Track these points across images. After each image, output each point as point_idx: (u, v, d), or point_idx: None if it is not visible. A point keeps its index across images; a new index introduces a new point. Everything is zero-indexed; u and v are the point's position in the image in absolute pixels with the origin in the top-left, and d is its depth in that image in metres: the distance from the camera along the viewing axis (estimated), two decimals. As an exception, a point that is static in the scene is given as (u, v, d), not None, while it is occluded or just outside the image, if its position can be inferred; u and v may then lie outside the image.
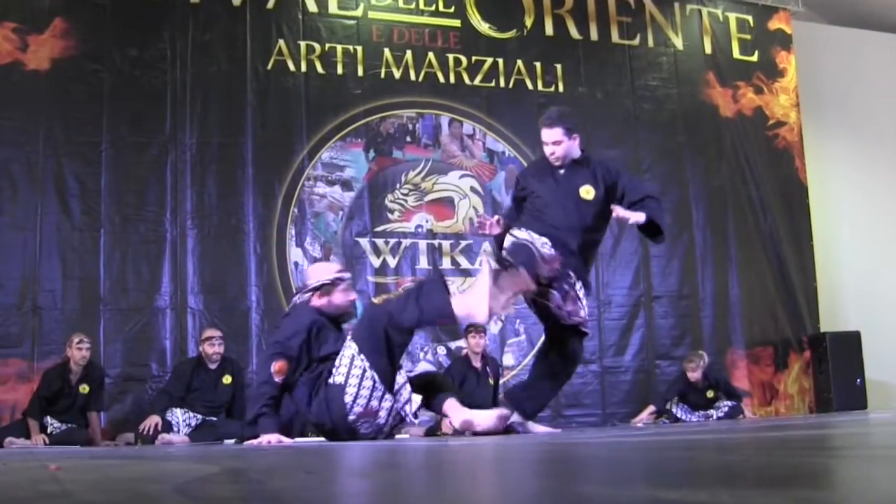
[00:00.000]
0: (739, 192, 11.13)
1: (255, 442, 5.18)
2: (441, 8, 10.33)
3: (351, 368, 5.15)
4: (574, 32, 10.79)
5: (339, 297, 5.59)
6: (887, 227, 12.26)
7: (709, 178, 11.04)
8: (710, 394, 9.54)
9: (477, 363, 8.69)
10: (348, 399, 5.13)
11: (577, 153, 5.88)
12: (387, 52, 9.97)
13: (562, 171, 5.85)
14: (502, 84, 10.36)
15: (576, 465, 2.25)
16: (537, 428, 5.95)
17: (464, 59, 10.27)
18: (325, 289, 5.54)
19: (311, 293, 5.60)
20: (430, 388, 5.56)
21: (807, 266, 11.31)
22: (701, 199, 10.93)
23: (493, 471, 2.26)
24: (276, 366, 5.30)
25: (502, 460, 2.67)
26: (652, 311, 10.41)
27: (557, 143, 5.79)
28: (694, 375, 9.44)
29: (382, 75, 9.93)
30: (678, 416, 9.45)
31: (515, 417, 5.74)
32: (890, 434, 3.31)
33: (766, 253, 11.09)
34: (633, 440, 3.57)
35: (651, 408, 9.54)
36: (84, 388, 7.92)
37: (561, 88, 10.48)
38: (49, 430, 7.77)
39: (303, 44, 9.64)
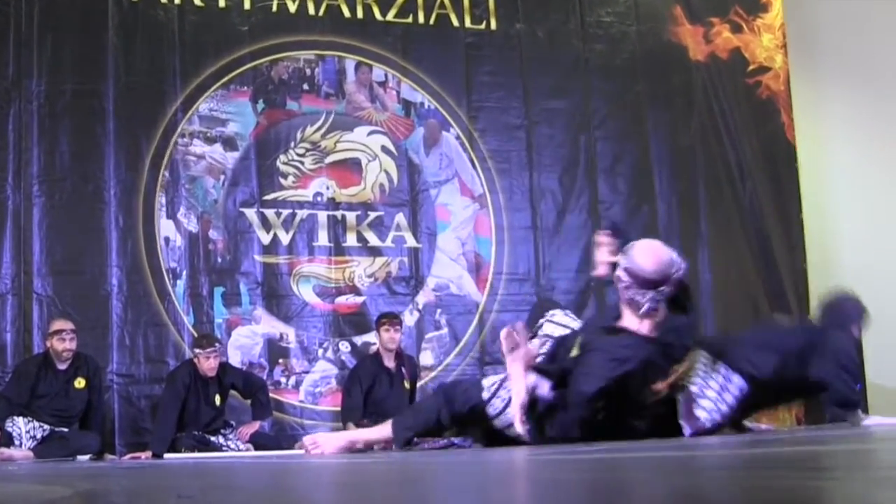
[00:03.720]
0: (713, 152, 11.10)
1: None
2: (347, -76, 10.35)
3: None
4: (510, -45, 10.84)
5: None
6: (894, 196, 12.12)
7: (675, 137, 11.01)
8: None
9: (390, 362, 8.61)
10: None
11: None
12: (280, -21, 9.97)
13: None
14: (421, 20, 10.32)
15: (509, 488, 2.25)
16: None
17: (375, -11, 10.28)
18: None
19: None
20: None
21: (795, 243, 11.31)
22: (665, 161, 10.90)
23: (407, 495, 2.26)
24: None
25: (422, 481, 2.69)
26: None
27: None
28: None
29: (274, 8, 9.86)
30: None
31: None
32: (894, 451, 3.30)
33: (745, 228, 11.09)
34: (578, 458, 3.57)
35: None
36: None
37: (493, 26, 10.45)
38: None
39: (176, -32, 9.63)
